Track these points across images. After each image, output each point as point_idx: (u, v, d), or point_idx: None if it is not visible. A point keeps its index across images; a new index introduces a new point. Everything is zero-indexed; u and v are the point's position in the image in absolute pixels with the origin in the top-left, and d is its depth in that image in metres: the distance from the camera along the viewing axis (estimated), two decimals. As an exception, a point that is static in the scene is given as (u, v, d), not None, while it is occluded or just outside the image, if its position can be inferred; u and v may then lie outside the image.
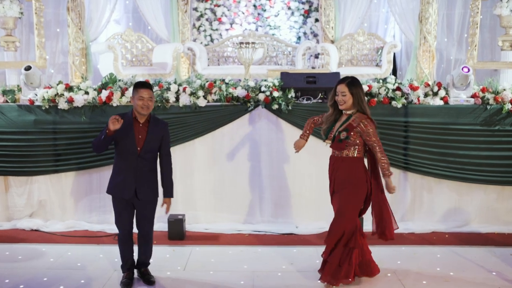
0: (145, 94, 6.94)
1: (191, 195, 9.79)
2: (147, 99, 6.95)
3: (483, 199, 9.74)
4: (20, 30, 12.86)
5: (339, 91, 6.87)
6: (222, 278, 7.60)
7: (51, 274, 7.68)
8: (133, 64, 13.84)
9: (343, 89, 6.83)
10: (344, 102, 6.84)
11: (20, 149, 9.66)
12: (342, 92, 6.83)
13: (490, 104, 9.47)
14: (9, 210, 10.04)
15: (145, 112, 6.98)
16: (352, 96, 6.81)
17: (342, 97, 6.84)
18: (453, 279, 7.49)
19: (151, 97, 7.01)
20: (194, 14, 15.08)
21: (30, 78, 9.73)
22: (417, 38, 12.20)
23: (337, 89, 6.92)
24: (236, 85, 9.66)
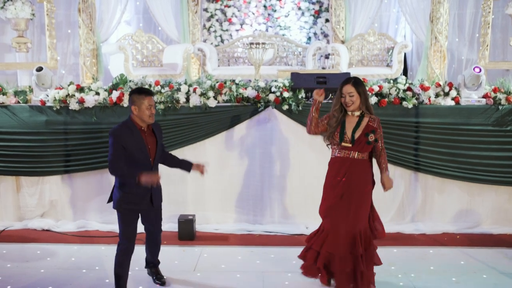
0: (152, 102, 6.65)
1: (201, 195, 9.80)
2: (153, 107, 6.67)
3: (495, 200, 9.72)
4: (31, 32, 12.90)
5: (346, 92, 6.71)
6: (232, 278, 7.62)
7: (62, 274, 7.72)
8: (144, 65, 13.86)
9: (350, 90, 6.68)
10: (353, 102, 6.70)
11: (32, 149, 9.70)
12: (350, 93, 6.68)
13: (502, 105, 9.44)
14: (20, 210, 10.08)
15: (152, 121, 6.72)
16: (359, 95, 6.70)
17: (350, 98, 6.69)
18: (464, 281, 7.48)
19: (154, 104, 6.76)
20: (205, 14, 15.08)
21: (41, 79, 9.76)
22: (428, 38, 12.16)
23: (343, 91, 6.76)
24: (246, 86, 9.66)
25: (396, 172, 9.64)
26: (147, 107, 6.56)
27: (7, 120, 9.67)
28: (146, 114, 6.58)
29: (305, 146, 9.53)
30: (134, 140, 6.59)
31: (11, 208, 10.04)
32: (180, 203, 9.80)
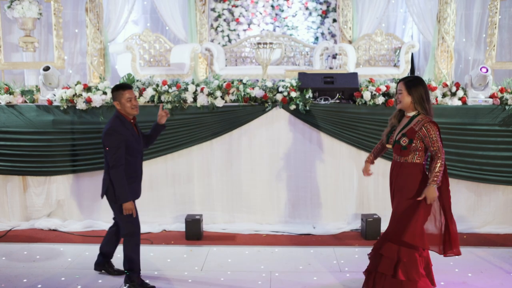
0: (131, 94, 6.98)
1: (208, 195, 9.80)
2: (134, 99, 6.98)
3: (502, 199, 9.69)
4: (39, 31, 12.93)
5: (398, 89, 6.62)
6: (239, 278, 7.61)
7: (69, 274, 7.73)
8: (151, 65, 13.89)
9: (400, 87, 6.56)
10: (401, 101, 6.57)
11: (39, 149, 9.71)
12: (399, 90, 6.56)
13: (508, 105, 9.41)
14: (27, 210, 10.09)
15: (136, 112, 7.01)
16: (410, 96, 6.48)
17: (398, 95, 6.58)
18: (471, 280, 7.46)
19: (135, 96, 7.08)
20: (212, 14, 15.11)
21: (48, 78, 9.76)
22: (435, 38, 12.16)
23: (397, 86, 6.66)
24: (254, 86, 9.65)
25: (403, 172, 9.65)
26: (127, 100, 6.92)
27: (14, 119, 9.68)
28: (127, 106, 6.94)
29: (312, 146, 9.53)
30: (129, 130, 6.95)
31: (18, 208, 10.05)
32: (187, 203, 9.81)
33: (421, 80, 6.61)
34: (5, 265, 8.09)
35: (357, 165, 9.62)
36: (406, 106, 6.54)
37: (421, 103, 6.47)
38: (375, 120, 9.37)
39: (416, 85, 6.48)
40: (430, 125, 6.41)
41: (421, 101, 6.46)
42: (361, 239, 9.22)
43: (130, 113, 6.95)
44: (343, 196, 9.72)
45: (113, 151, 6.77)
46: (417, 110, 6.51)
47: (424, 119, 6.45)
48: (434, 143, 6.38)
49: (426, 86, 6.55)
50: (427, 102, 6.49)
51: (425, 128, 6.38)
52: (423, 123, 6.41)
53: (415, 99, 6.46)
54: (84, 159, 9.75)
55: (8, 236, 9.42)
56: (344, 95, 9.50)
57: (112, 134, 6.81)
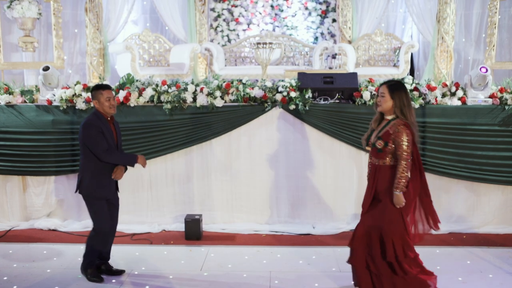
0: (110, 94, 7.31)
1: (208, 195, 9.81)
2: (112, 98, 7.29)
3: (501, 199, 9.70)
4: (38, 31, 12.93)
5: (379, 92, 6.64)
6: (239, 278, 7.62)
7: (68, 274, 7.74)
8: (151, 65, 13.89)
9: (382, 90, 6.58)
10: (381, 104, 6.59)
11: (38, 149, 9.71)
12: (382, 93, 6.58)
13: (508, 105, 9.42)
14: (27, 210, 10.09)
15: (113, 112, 7.34)
16: (392, 100, 6.51)
17: (380, 98, 6.61)
18: (471, 280, 7.47)
19: (113, 96, 7.37)
20: (212, 14, 15.11)
21: (48, 78, 9.76)
22: (435, 38, 12.16)
23: (379, 90, 6.70)
24: (253, 86, 9.65)
25: (403, 172, 9.66)
26: (106, 99, 7.26)
27: (14, 119, 9.68)
28: (105, 105, 7.26)
29: (312, 146, 9.53)
30: (105, 127, 7.20)
31: (18, 208, 10.05)
32: (187, 203, 9.82)
33: (403, 85, 6.69)
34: (4, 265, 8.09)
35: (356, 165, 9.63)
36: (386, 109, 6.61)
37: (402, 108, 6.52)
38: (375, 120, 9.38)
39: (399, 90, 6.56)
40: (403, 128, 6.47)
41: (401, 106, 6.52)
42: (361, 239, 9.23)
43: (108, 112, 7.28)
44: (343, 196, 9.73)
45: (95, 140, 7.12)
46: (396, 114, 6.56)
47: (400, 122, 6.51)
48: (399, 147, 6.43)
49: (407, 91, 6.63)
50: (407, 107, 6.54)
51: (397, 131, 6.45)
52: (397, 126, 6.48)
53: (396, 103, 6.52)
54: (83, 159, 9.76)
55: (7, 236, 9.43)
56: (344, 95, 9.50)
57: (89, 126, 7.16)
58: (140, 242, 9.04)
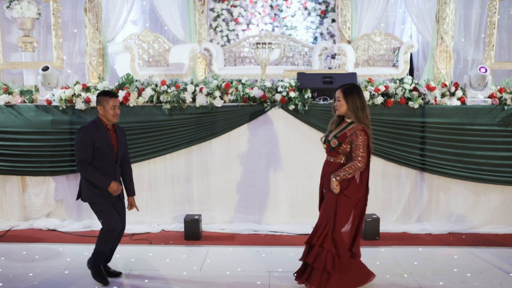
0: (116, 103, 7.16)
1: (207, 195, 9.82)
2: (117, 107, 7.16)
3: (501, 199, 9.71)
4: (37, 31, 12.92)
5: (336, 96, 6.87)
6: (238, 278, 7.61)
7: (68, 274, 7.73)
8: (150, 65, 13.88)
9: (338, 95, 6.83)
10: (338, 108, 6.84)
11: (37, 149, 9.71)
12: (338, 98, 6.83)
13: (507, 105, 9.43)
14: (26, 210, 10.10)
15: (116, 121, 7.21)
16: (346, 103, 6.76)
17: (337, 102, 6.84)
18: (470, 281, 7.46)
19: (118, 105, 7.22)
20: (211, 14, 15.11)
21: (47, 78, 9.77)
22: (434, 38, 12.17)
23: (335, 94, 6.91)
24: (253, 86, 9.66)
25: (402, 172, 9.67)
26: (111, 107, 7.11)
27: (13, 119, 9.69)
28: (110, 113, 7.12)
29: (311, 146, 9.52)
30: (101, 136, 7.08)
31: (17, 208, 10.06)
32: (186, 203, 9.83)
33: (357, 88, 6.90)
34: (4, 265, 8.08)
35: (356, 165, 9.63)
36: (343, 113, 6.84)
37: (355, 111, 6.74)
38: (374, 120, 9.37)
39: (352, 93, 6.79)
40: (361, 133, 6.67)
41: (354, 109, 6.74)
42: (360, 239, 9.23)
43: (111, 120, 7.15)
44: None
45: (78, 146, 7.04)
46: (352, 117, 6.77)
47: (358, 126, 6.71)
48: (356, 150, 6.67)
49: (361, 94, 6.84)
50: (362, 110, 6.75)
51: (355, 135, 6.67)
52: (355, 130, 6.69)
53: (350, 107, 6.75)
54: (83, 159, 9.75)
55: (7, 236, 9.43)
56: (343, 95, 9.50)
57: (80, 131, 7.09)
58: (139, 242, 9.04)
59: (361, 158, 6.65)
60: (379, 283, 7.34)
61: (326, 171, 7.03)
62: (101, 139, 7.05)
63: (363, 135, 6.67)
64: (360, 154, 6.65)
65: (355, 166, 6.67)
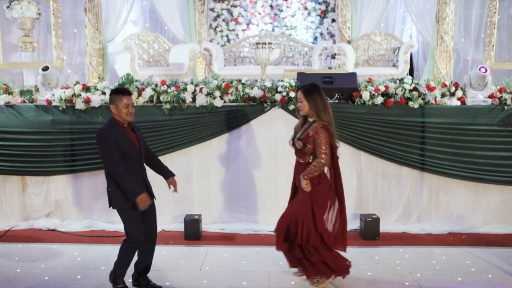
0: (129, 101, 6.90)
1: (207, 195, 9.82)
2: (131, 105, 6.93)
3: (501, 199, 9.71)
4: (37, 31, 12.92)
5: (297, 98, 7.12)
6: (238, 278, 7.62)
7: (68, 274, 7.73)
8: (150, 65, 13.88)
9: (299, 96, 7.07)
10: (301, 108, 7.07)
11: (37, 149, 9.72)
12: (299, 99, 7.06)
13: (507, 105, 9.43)
14: (26, 210, 10.10)
15: (130, 119, 6.96)
16: (308, 103, 6.99)
17: (299, 104, 7.08)
18: (470, 280, 7.46)
19: (132, 103, 7.00)
20: (211, 14, 15.11)
21: (47, 78, 9.77)
22: (434, 38, 12.17)
23: (297, 95, 7.13)
24: (253, 86, 9.66)
25: (402, 172, 9.67)
26: (124, 106, 6.84)
27: (13, 119, 9.69)
28: (123, 112, 6.85)
29: (311, 146, 9.54)
30: (121, 135, 6.82)
31: (17, 208, 10.07)
32: (186, 203, 9.83)
33: (317, 87, 7.13)
34: (4, 265, 8.09)
35: (356, 165, 9.65)
36: (306, 113, 7.09)
37: (316, 110, 7.00)
38: (374, 120, 9.39)
39: (312, 93, 7.05)
40: (321, 131, 6.93)
41: (316, 108, 6.99)
42: (360, 239, 9.24)
43: (124, 119, 6.89)
44: (343, 197, 9.74)
45: (105, 150, 6.75)
46: (314, 116, 7.04)
47: (319, 124, 6.98)
48: (319, 147, 6.92)
49: (321, 92, 7.09)
50: (322, 109, 7.01)
51: (317, 133, 6.93)
52: (316, 128, 6.96)
53: (311, 106, 7.00)
54: (83, 159, 9.77)
55: (7, 236, 9.43)
56: (343, 95, 9.51)
57: (101, 135, 6.78)
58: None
59: (324, 155, 6.90)
60: (379, 283, 7.34)
61: (297, 172, 7.30)
62: (121, 139, 6.78)
63: (324, 132, 6.91)
64: (323, 151, 6.90)
65: (319, 163, 6.91)
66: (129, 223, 6.97)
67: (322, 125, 6.95)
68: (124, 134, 6.85)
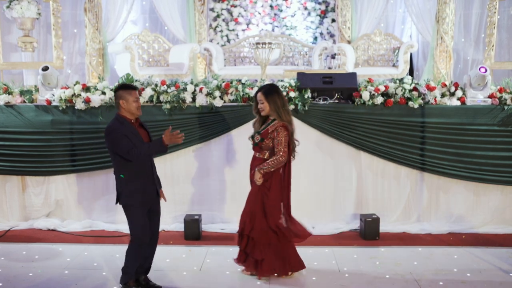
0: (137, 95, 6.91)
1: (207, 195, 9.81)
2: (138, 100, 6.92)
3: (500, 199, 9.71)
4: (37, 31, 12.91)
5: (258, 99, 7.43)
6: (238, 278, 7.63)
7: (68, 274, 7.73)
8: (150, 65, 13.87)
9: (260, 97, 7.38)
10: (263, 109, 7.37)
11: (37, 149, 9.72)
12: (260, 100, 7.38)
13: (507, 105, 9.43)
14: (26, 210, 10.10)
15: (140, 113, 6.94)
16: (268, 103, 7.30)
17: (260, 105, 7.38)
18: (470, 281, 7.46)
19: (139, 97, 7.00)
20: (211, 14, 15.10)
21: (47, 78, 9.77)
22: (434, 38, 12.16)
23: (256, 97, 7.47)
24: (253, 86, 9.66)
25: (402, 172, 9.66)
26: (134, 100, 6.84)
27: (13, 119, 9.69)
28: (134, 106, 6.84)
29: (311, 146, 9.53)
30: (129, 131, 6.75)
31: (17, 208, 10.06)
32: (186, 203, 9.82)
33: (276, 88, 7.53)
34: (4, 265, 8.09)
35: (356, 165, 9.64)
36: (268, 113, 7.40)
37: (276, 110, 7.32)
38: (374, 120, 9.39)
39: (272, 93, 7.38)
40: (282, 129, 7.29)
41: (276, 108, 7.32)
42: (360, 239, 9.24)
43: (135, 113, 6.84)
44: (342, 196, 9.73)
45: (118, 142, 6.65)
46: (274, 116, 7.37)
47: (279, 123, 7.32)
48: (278, 145, 7.28)
49: (280, 92, 7.47)
50: (282, 108, 7.34)
51: (276, 131, 7.29)
52: (276, 127, 7.31)
53: (271, 106, 7.32)
54: (83, 159, 9.76)
55: (7, 236, 9.43)
56: (343, 95, 9.51)
57: (110, 132, 6.71)
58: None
59: (282, 153, 7.24)
60: (379, 283, 7.34)
61: (252, 166, 7.62)
62: (130, 134, 6.70)
63: (284, 131, 7.27)
64: (282, 149, 7.24)
65: (278, 160, 7.25)
66: (135, 221, 6.88)
67: (283, 124, 7.28)
68: (133, 130, 6.79)
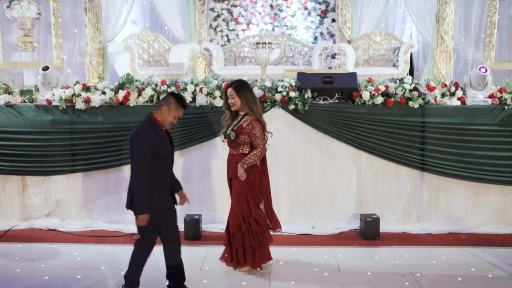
0: (181, 114, 6.80)
1: (207, 195, 9.81)
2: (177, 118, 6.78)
3: (501, 200, 9.70)
4: (37, 31, 12.91)
5: (229, 95, 7.67)
6: (238, 278, 7.62)
7: (68, 274, 7.73)
8: (150, 64, 13.87)
9: (231, 93, 7.63)
10: (234, 104, 7.60)
11: (37, 149, 9.72)
12: (231, 96, 7.62)
13: (507, 105, 9.43)
14: (26, 210, 10.10)
15: (168, 128, 6.76)
16: (239, 98, 7.55)
17: (231, 100, 7.62)
18: (470, 281, 7.46)
19: None
20: (211, 14, 15.09)
21: (47, 78, 9.77)
22: (434, 38, 12.16)
23: (227, 93, 7.70)
24: (253, 86, 9.64)
25: (402, 172, 9.66)
26: (175, 116, 6.74)
27: (13, 119, 9.69)
28: (170, 120, 6.72)
29: (311, 146, 9.54)
30: (160, 139, 6.61)
31: (17, 208, 10.06)
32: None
33: (246, 83, 7.82)
34: (4, 265, 8.10)
35: (356, 165, 9.64)
36: (239, 108, 7.65)
37: (248, 104, 7.61)
38: (374, 120, 9.39)
39: (242, 88, 7.65)
40: (256, 123, 7.57)
41: (247, 102, 7.60)
42: (360, 239, 9.23)
43: (165, 125, 6.70)
44: (342, 196, 9.73)
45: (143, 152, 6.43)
46: (246, 110, 7.62)
47: (251, 117, 7.60)
48: (256, 139, 7.56)
49: (250, 87, 7.78)
50: (253, 102, 7.64)
51: (251, 125, 7.56)
52: (250, 121, 7.58)
53: (243, 101, 7.59)
54: (83, 159, 9.76)
55: (7, 236, 9.43)
56: (343, 95, 9.51)
57: (142, 139, 6.47)
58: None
59: (262, 145, 7.57)
60: (379, 283, 7.34)
61: (230, 163, 7.85)
62: (160, 143, 6.56)
63: (259, 124, 7.57)
64: (260, 142, 7.56)
65: (259, 153, 7.56)
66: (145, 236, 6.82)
67: (255, 117, 7.57)
68: (163, 138, 6.65)
